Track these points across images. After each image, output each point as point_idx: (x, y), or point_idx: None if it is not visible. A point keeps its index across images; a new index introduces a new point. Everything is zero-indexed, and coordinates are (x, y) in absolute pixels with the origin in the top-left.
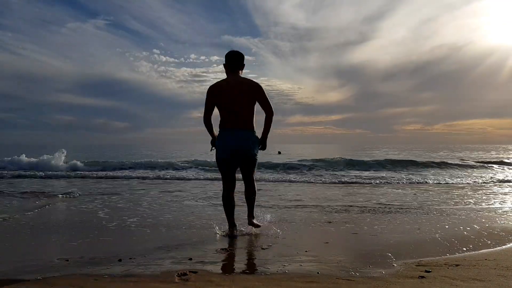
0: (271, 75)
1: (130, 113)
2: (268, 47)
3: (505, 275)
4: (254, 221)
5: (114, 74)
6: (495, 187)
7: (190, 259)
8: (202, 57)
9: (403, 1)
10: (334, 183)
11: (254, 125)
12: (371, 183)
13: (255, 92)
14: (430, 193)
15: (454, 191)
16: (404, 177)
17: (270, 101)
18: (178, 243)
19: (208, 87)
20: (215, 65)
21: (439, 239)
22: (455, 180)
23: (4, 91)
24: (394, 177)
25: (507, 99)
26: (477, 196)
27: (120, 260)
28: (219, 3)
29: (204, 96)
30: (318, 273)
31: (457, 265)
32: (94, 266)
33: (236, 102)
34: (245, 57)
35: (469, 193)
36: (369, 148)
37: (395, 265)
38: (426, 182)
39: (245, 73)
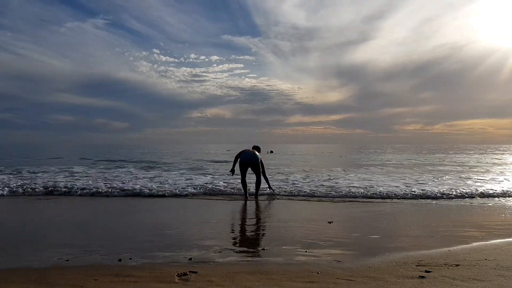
0: (271, 75)
1: (130, 113)
2: (268, 47)
3: (505, 275)
4: (257, 198)
5: (113, 74)
6: None
7: (190, 259)
8: (202, 57)
9: (404, 0)
10: None
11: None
12: None
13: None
14: None
15: None
16: None
17: (263, 162)
18: (178, 243)
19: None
20: (215, 65)
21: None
22: None
23: (4, 91)
24: None
25: (507, 99)
26: None
27: (120, 260)
28: (219, 3)
29: (204, 97)
30: (318, 273)
31: (457, 265)
32: (94, 266)
33: (250, 150)
34: (245, 57)
35: None
36: (372, 148)
37: (395, 264)
38: None
39: (245, 73)
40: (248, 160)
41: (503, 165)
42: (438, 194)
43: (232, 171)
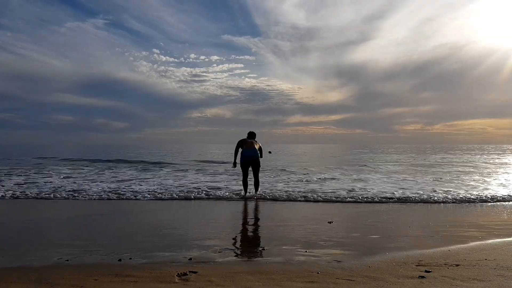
0: (271, 75)
1: (130, 113)
2: (268, 47)
3: (505, 275)
4: (256, 195)
5: (113, 74)
6: None
7: (190, 259)
8: (202, 57)
9: (404, 0)
10: None
11: (256, 147)
12: None
13: (256, 143)
14: None
15: None
16: None
17: (261, 145)
18: (178, 243)
19: (209, 86)
20: (214, 65)
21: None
22: None
23: (4, 91)
24: None
25: (507, 99)
26: None
27: (120, 260)
28: (219, 3)
29: (204, 97)
30: (318, 273)
31: (457, 265)
32: (94, 266)
33: (249, 144)
34: (245, 57)
35: None
36: (372, 148)
37: (395, 264)
38: None
39: (245, 73)
40: (249, 158)
41: (503, 166)
42: (438, 195)
43: (234, 164)
